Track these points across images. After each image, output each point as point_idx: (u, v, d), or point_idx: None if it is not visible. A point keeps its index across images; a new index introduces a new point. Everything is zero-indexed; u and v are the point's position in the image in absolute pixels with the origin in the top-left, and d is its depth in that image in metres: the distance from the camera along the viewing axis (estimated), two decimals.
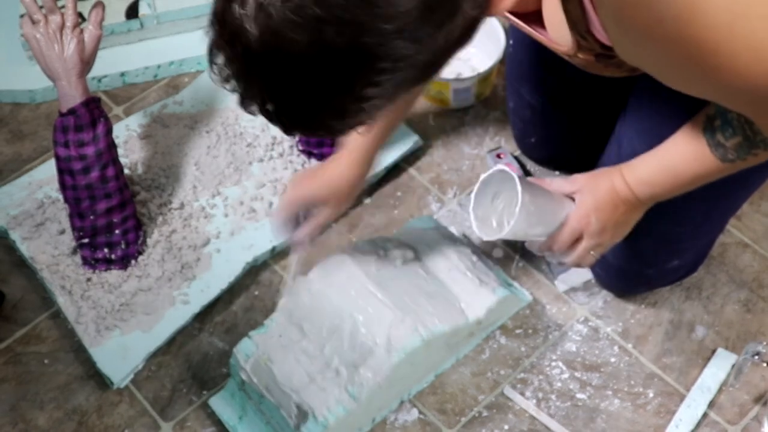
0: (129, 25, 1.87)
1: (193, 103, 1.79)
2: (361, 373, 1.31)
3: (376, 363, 1.31)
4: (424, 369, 1.42)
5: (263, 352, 1.36)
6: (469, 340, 1.47)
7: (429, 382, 1.45)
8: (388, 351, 1.31)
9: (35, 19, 1.47)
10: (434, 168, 1.71)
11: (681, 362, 1.47)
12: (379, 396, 1.34)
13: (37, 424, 1.44)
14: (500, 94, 1.82)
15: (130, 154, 1.70)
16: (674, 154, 1.20)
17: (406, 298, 1.37)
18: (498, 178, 1.23)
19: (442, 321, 1.36)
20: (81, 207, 1.50)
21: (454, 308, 1.40)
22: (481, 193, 1.25)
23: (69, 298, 1.52)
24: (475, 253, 1.49)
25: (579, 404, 1.43)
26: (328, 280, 1.38)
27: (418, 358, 1.35)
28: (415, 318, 1.34)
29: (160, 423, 1.44)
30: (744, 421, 1.41)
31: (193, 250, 1.58)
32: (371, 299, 1.35)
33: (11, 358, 1.51)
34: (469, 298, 1.42)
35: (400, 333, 1.32)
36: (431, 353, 1.39)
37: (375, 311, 1.34)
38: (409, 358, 1.33)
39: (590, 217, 1.25)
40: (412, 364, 1.35)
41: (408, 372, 1.36)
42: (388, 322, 1.33)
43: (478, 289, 1.43)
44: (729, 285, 1.55)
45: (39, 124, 1.81)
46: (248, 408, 1.40)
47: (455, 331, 1.39)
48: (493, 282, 1.45)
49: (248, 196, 1.64)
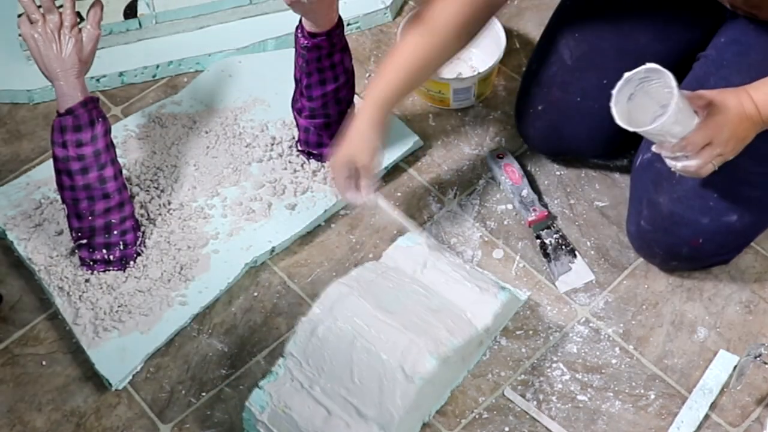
0: (127, 25, 1.86)
1: (192, 104, 1.79)
2: (387, 404, 1.30)
3: (400, 391, 1.30)
4: (442, 386, 1.41)
5: (278, 400, 1.34)
6: (479, 349, 1.46)
7: (446, 398, 1.44)
8: (409, 377, 1.30)
9: (33, 18, 1.47)
10: (434, 168, 1.71)
11: (682, 364, 1.46)
12: (407, 423, 1.33)
13: (35, 425, 1.44)
14: (500, 94, 1.81)
15: (128, 155, 1.69)
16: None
17: (414, 318, 1.36)
18: (640, 78, 1.25)
19: (454, 335, 1.35)
20: (79, 207, 1.50)
21: (462, 320, 1.39)
22: (620, 91, 1.27)
23: (67, 299, 1.51)
24: (467, 261, 1.49)
25: (580, 406, 1.42)
26: (332, 314, 1.37)
27: (438, 377, 1.34)
28: (427, 338, 1.33)
29: (159, 425, 1.43)
30: (746, 423, 1.41)
31: (192, 250, 1.57)
32: (381, 326, 1.34)
33: (9, 359, 1.50)
34: (474, 308, 1.41)
35: (418, 356, 1.31)
36: (449, 369, 1.38)
37: (387, 338, 1.33)
38: (429, 380, 1.32)
39: (721, 125, 1.29)
40: (433, 384, 1.34)
41: (429, 392, 1.35)
42: (402, 346, 1.32)
43: (480, 296, 1.42)
44: (731, 286, 1.54)
45: (37, 124, 1.81)
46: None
47: (468, 343, 1.38)
48: (492, 287, 1.44)
49: (247, 196, 1.64)
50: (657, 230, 1.47)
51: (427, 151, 1.73)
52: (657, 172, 1.45)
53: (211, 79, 1.83)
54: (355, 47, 1.84)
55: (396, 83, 1.43)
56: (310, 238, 1.62)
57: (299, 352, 1.37)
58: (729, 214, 1.43)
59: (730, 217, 1.43)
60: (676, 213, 1.44)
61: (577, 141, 1.61)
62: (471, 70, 1.81)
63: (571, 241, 1.59)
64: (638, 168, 1.50)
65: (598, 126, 1.58)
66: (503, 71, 1.85)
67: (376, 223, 1.64)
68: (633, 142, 1.56)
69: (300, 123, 1.64)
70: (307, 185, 1.65)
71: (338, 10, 1.51)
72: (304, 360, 1.36)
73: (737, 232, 1.46)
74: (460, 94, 1.75)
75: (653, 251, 1.51)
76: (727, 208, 1.42)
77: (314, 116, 1.61)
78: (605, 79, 1.55)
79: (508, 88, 1.82)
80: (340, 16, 1.53)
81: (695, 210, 1.42)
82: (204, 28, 1.91)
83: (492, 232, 1.62)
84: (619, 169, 1.68)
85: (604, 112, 1.57)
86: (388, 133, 1.50)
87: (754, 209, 1.44)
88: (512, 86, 1.82)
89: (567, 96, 1.58)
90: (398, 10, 1.97)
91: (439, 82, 1.73)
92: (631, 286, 1.55)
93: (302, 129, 1.64)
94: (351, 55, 1.59)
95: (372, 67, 1.87)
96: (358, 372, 1.32)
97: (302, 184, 1.65)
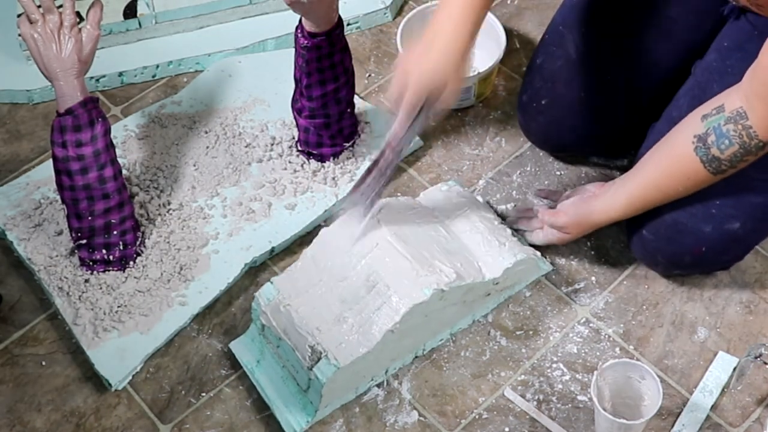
0: (127, 25, 1.86)
1: (192, 103, 1.79)
2: (375, 319, 1.34)
3: (389, 311, 1.34)
4: (438, 323, 1.44)
5: (283, 296, 1.40)
6: (486, 300, 1.49)
7: (444, 338, 1.48)
8: (401, 300, 1.34)
9: (33, 18, 1.47)
10: (434, 168, 1.71)
11: (683, 364, 1.46)
12: (391, 344, 1.37)
13: (35, 426, 1.44)
14: (500, 94, 1.81)
15: (128, 155, 1.69)
16: (660, 180, 1.36)
17: (425, 252, 1.40)
18: None
19: (457, 275, 1.38)
20: (79, 208, 1.50)
21: (471, 266, 1.43)
22: None
23: (66, 300, 1.51)
24: (498, 219, 1.54)
25: (580, 406, 1.42)
26: (350, 230, 1.42)
27: (432, 310, 1.38)
28: (430, 270, 1.37)
29: (159, 425, 1.43)
30: (746, 423, 1.40)
31: (192, 251, 1.57)
32: (390, 250, 1.39)
33: (8, 359, 1.50)
34: (487, 258, 1.45)
35: (415, 283, 1.35)
36: (446, 308, 1.41)
37: (392, 262, 1.38)
38: (422, 309, 1.35)
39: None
40: (425, 316, 1.38)
41: (421, 323, 1.39)
42: (403, 272, 1.36)
43: (498, 250, 1.46)
44: (731, 286, 1.54)
45: (37, 124, 1.81)
46: (266, 352, 1.44)
47: (470, 288, 1.41)
48: (513, 245, 1.48)
49: (247, 196, 1.64)
50: (659, 239, 1.46)
51: (427, 151, 1.73)
52: None
53: (211, 79, 1.83)
54: (355, 47, 1.84)
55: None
56: (310, 238, 1.62)
57: (311, 255, 1.43)
58: (732, 222, 1.42)
59: (732, 225, 1.43)
60: (679, 222, 1.43)
61: (579, 136, 1.61)
62: (471, 70, 1.81)
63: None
64: None
65: (600, 122, 1.59)
66: (503, 71, 1.84)
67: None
68: (634, 142, 1.57)
69: (300, 123, 1.64)
70: (307, 185, 1.65)
71: (338, 10, 1.51)
72: (314, 263, 1.42)
73: (739, 239, 1.46)
74: (461, 94, 1.75)
75: (656, 260, 1.51)
76: (730, 216, 1.42)
77: (314, 116, 1.61)
78: (609, 76, 1.56)
79: (508, 88, 1.82)
80: (340, 16, 1.52)
81: (698, 218, 1.42)
82: (204, 28, 1.91)
83: None
84: (619, 169, 1.68)
85: (606, 109, 1.58)
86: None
87: (756, 216, 1.43)
88: (512, 86, 1.82)
89: (571, 91, 1.58)
90: (398, 10, 1.97)
91: None
92: (631, 286, 1.55)
93: (302, 129, 1.64)
94: (351, 55, 1.59)
95: (372, 67, 1.87)
96: (359, 286, 1.37)
97: (302, 184, 1.65)
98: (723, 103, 1.28)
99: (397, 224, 1.43)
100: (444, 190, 1.57)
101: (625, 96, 1.57)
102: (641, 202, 1.41)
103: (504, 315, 1.52)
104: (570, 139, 1.63)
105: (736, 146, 1.26)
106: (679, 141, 1.33)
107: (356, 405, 1.43)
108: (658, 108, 1.51)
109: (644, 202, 1.41)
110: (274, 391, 1.42)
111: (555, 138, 1.65)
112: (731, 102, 1.27)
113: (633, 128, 1.58)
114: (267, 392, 1.42)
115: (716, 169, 1.30)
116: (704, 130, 1.28)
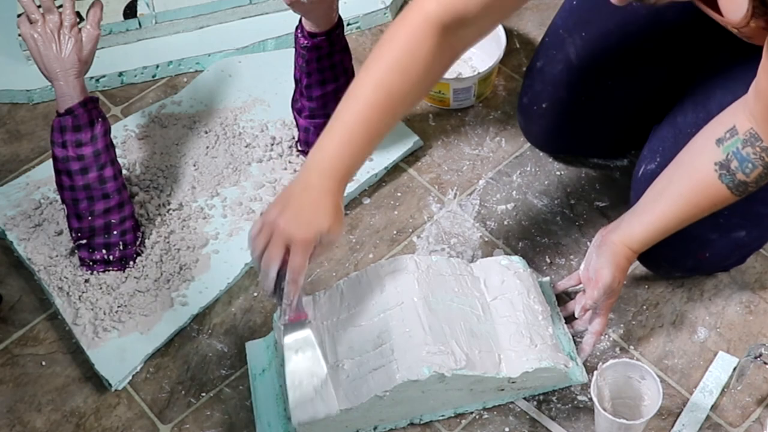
0: (127, 25, 1.86)
1: (192, 103, 1.79)
2: (368, 379, 1.29)
3: (384, 376, 1.28)
4: (440, 402, 1.37)
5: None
6: (500, 394, 1.40)
7: (447, 416, 1.41)
8: (399, 370, 1.27)
9: (33, 18, 1.46)
10: (434, 168, 1.71)
11: (683, 364, 1.46)
12: (379, 408, 1.31)
13: (35, 426, 1.44)
14: (500, 94, 1.81)
15: (128, 155, 1.69)
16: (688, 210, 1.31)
17: (447, 327, 1.32)
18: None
19: (468, 364, 1.29)
20: (79, 208, 1.50)
21: (491, 357, 1.33)
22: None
23: (66, 300, 1.51)
24: (548, 311, 1.42)
25: (580, 406, 1.42)
26: (383, 278, 1.37)
27: (431, 390, 1.31)
28: (441, 349, 1.29)
29: (159, 425, 1.43)
30: (746, 423, 1.40)
31: (192, 251, 1.57)
32: (411, 314, 1.32)
33: (8, 359, 1.50)
34: (511, 354, 1.34)
35: (418, 358, 1.28)
36: (449, 391, 1.33)
37: (408, 326, 1.31)
38: (418, 386, 1.28)
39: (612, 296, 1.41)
40: (423, 392, 1.31)
41: (418, 397, 1.32)
42: (413, 341, 1.29)
43: (526, 348, 1.34)
44: (731, 286, 1.54)
45: (37, 124, 1.81)
46: (273, 365, 1.43)
47: (479, 380, 1.32)
48: (545, 348, 1.35)
49: (247, 196, 1.64)
50: (663, 244, 1.42)
51: (427, 151, 1.73)
52: None
53: (211, 79, 1.83)
54: (355, 47, 1.84)
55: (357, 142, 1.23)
56: None
57: (341, 290, 1.40)
58: (738, 230, 1.42)
59: (738, 233, 1.43)
60: (685, 228, 1.39)
61: (580, 140, 1.61)
62: (471, 70, 1.81)
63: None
64: (640, 178, 1.47)
65: (602, 126, 1.59)
66: (503, 71, 1.84)
67: (375, 223, 1.64)
68: (635, 142, 1.56)
69: (300, 123, 1.64)
70: None
71: (338, 10, 1.51)
72: (340, 298, 1.39)
73: (744, 246, 1.46)
74: (460, 94, 1.75)
75: (658, 263, 1.50)
76: (736, 225, 1.42)
77: (314, 116, 1.61)
78: (610, 81, 1.55)
79: (508, 88, 1.82)
80: (340, 17, 1.52)
81: (705, 226, 1.38)
82: (204, 28, 1.91)
83: (492, 232, 1.62)
84: (619, 169, 1.68)
85: (609, 113, 1.58)
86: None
87: (763, 225, 1.43)
88: (512, 86, 1.82)
89: (573, 96, 1.58)
90: (398, 10, 1.97)
91: (439, 82, 1.73)
92: (631, 286, 1.55)
93: (302, 129, 1.64)
94: (351, 56, 1.59)
95: None
96: (368, 340, 1.32)
97: None
98: (734, 124, 1.25)
99: (433, 287, 1.35)
100: (503, 264, 1.44)
101: (626, 100, 1.56)
102: (665, 232, 1.35)
103: None
104: (571, 142, 1.63)
105: (760, 168, 1.23)
106: (699, 171, 1.28)
107: None
108: (660, 110, 1.51)
109: (668, 231, 1.35)
110: (265, 406, 1.39)
111: (556, 141, 1.65)
112: (741, 123, 1.24)
113: (634, 130, 1.58)
114: (259, 405, 1.40)
115: (743, 192, 1.27)
116: (724, 156, 1.25)
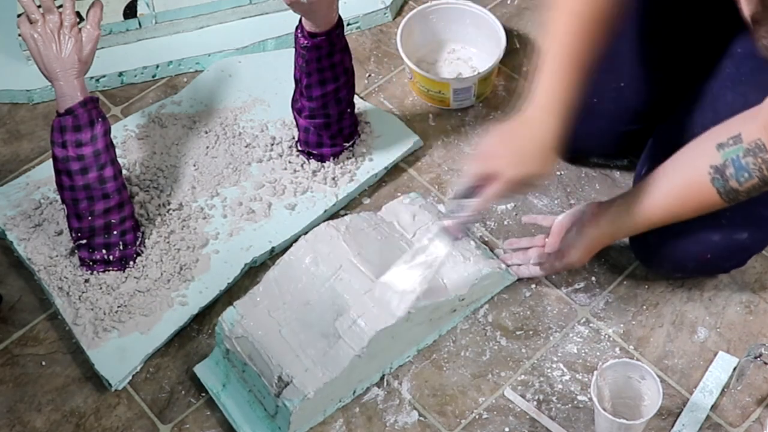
0: (127, 25, 1.86)
1: (192, 103, 1.79)
2: (341, 345, 1.34)
3: (355, 336, 1.33)
4: (405, 343, 1.44)
5: (247, 321, 1.38)
6: (452, 315, 1.48)
7: (411, 356, 1.47)
8: (367, 324, 1.33)
9: (33, 18, 1.47)
10: (434, 168, 1.71)
11: (683, 364, 1.46)
12: (358, 368, 1.36)
13: (35, 426, 1.44)
14: (500, 94, 1.81)
15: (128, 155, 1.69)
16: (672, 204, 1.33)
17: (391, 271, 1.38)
18: None
19: (423, 296, 1.36)
20: (79, 208, 1.50)
21: (437, 284, 1.41)
22: None
23: (66, 300, 1.51)
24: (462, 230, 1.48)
25: (580, 406, 1.42)
26: (314, 252, 1.41)
27: (398, 332, 1.37)
28: (399, 290, 1.36)
29: (159, 425, 1.43)
30: (746, 423, 1.40)
31: (192, 251, 1.57)
32: (355, 272, 1.38)
33: (8, 359, 1.50)
34: (452, 274, 1.43)
35: (381, 308, 1.34)
36: (412, 328, 1.40)
37: (357, 284, 1.37)
38: (388, 332, 1.35)
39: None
40: (392, 338, 1.37)
41: (388, 345, 1.38)
42: (369, 296, 1.36)
43: (462, 265, 1.45)
44: (731, 286, 1.54)
45: (37, 124, 1.81)
46: (232, 376, 1.42)
47: (437, 306, 1.41)
48: (477, 259, 1.46)
49: (247, 196, 1.64)
50: (665, 245, 1.45)
51: (427, 151, 1.73)
52: None
53: (211, 79, 1.83)
54: (355, 47, 1.84)
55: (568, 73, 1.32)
56: None
57: (275, 278, 1.41)
58: (740, 232, 1.42)
59: (741, 235, 1.42)
60: (687, 230, 1.41)
61: (588, 141, 1.59)
62: (471, 70, 1.81)
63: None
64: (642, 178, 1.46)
65: (611, 127, 1.58)
66: (503, 71, 1.84)
67: None
68: (638, 143, 1.56)
69: (300, 123, 1.64)
70: (307, 185, 1.65)
71: (338, 10, 1.51)
72: (276, 286, 1.41)
73: (746, 248, 1.46)
74: (460, 94, 1.75)
75: (659, 264, 1.50)
76: (739, 227, 1.41)
77: (314, 116, 1.61)
78: (622, 82, 1.55)
79: (508, 88, 1.82)
80: (340, 16, 1.52)
81: (707, 227, 1.39)
82: (204, 28, 1.91)
83: (492, 232, 1.62)
84: (620, 169, 1.68)
85: (618, 115, 1.57)
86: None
87: (765, 227, 1.43)
88: (512, 86, 1.81)
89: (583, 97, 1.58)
90: (398, 10, 1.97)
91: (439, 82, 1.73)
92: (631, 286, 1.55)
93: (302, 129, 1.64)
94: (351, 55, 1.59)
95: (372, 67, 1.87)
96: (324, 311, 1.37)
97: (302, 184, 1.65)
98: (740, 132, 1.24)
99: (361, 243, 1.42)
100: (406, 203, 1.54)
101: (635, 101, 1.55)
102: (648, 224, 1.38)
103: (504, 315, 1.52)
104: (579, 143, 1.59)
105: (756, 179, 1.23)
106: (693, 170, 1.29)
107: (356, 405, 1.43)
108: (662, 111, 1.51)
109: (652, 224, 1.38)
110: (241, 416, 1.39)
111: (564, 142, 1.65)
112: (749, 132, 1.23)
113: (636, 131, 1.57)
114: (234, 417, 1.39)
115: (733, 199, 1.27)
116: (722, 161, 1.24)
